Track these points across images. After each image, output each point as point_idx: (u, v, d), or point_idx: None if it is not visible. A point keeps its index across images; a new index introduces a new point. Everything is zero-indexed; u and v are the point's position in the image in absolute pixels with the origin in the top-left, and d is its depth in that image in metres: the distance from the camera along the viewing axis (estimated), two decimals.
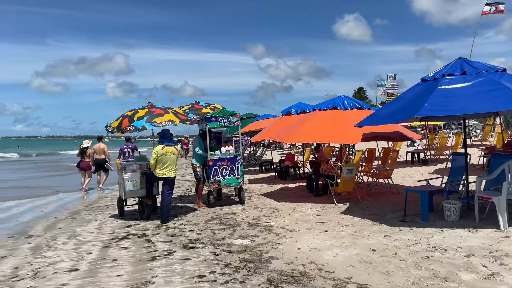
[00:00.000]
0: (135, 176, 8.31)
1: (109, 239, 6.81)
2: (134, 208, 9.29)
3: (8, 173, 24.39)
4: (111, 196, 12.68)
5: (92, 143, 14.65)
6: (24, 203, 11.81)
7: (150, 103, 8.60)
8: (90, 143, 14.46)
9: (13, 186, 17.07)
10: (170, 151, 8.01)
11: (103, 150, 14.21)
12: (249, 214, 8.30)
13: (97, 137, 14.09)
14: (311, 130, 9.12)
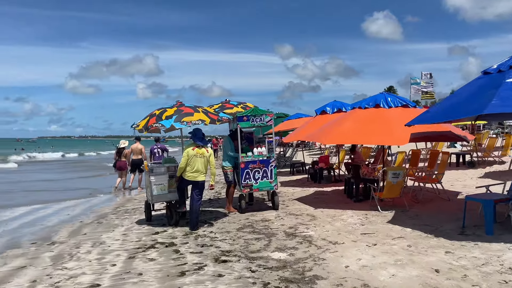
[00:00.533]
0: (162, 179, 7.79)
1: (135, 248, 6.30)
2: (162, 212, 8.79)
3: (47, 173, 24.66)
4: (138, 198, 12.30)
5: (129, 143, 14.71)
6: (52, 205, 11.57)
7: (179, 101, 8.08)
8: (127, 143, 14.38)
9: (45, 187, 17.08)
10: (201, 152, 7.46)
11: (140, 151, 14.08)
12: (284, 221, 7.62)
13: (135, 137, 13.77)
14: (352, 130, 8.34)
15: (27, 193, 14.69)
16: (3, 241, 7.30)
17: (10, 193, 14.74)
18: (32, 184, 17.73)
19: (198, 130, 7.65)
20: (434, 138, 8.43)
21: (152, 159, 13.60)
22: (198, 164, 7.42)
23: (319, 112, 12.82)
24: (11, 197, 13.64)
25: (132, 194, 13.40)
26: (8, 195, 14.20)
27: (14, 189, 15.96)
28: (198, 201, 7.54)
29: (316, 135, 9.41)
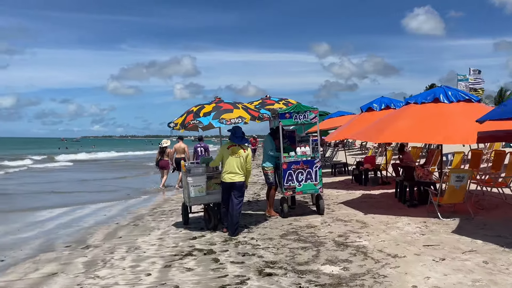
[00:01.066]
0: (200, 180, 7.30)
1: (172, 255, 5.83)
2: (200, 215, 8.32)
3: (88, 172, 25.12)
4: (176, 199, 11.96)
5: (171, 143, 14.69)
6: (89, 205, 11.44)
7: (218, 97, 7.56)
8: (169, 143, 14.41)
9: (85, 187, 17.20)
10: (237, 151, 6.94)
11: (183, 150, 14.10)
12: (332, 228, 6.92)
13: (178, 136, 14.06)
14: (409, 127, 7.51)
15: (66, 192, 14.78)
16: (37, 243, 7.07)
17: (51, 192, 14.88)
18: (73, 184, 17.94)
19: (238, 128, 7.13)
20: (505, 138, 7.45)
21: (195, 158, 13.42)
22: (234, 165, 6.92)
23: (365, 109, 11.98)
24: (52, 196, 13.73)
25: (169, 194, 13.11)
26: (48, 194, 14.33)
27: (56, 188, 16.15)
28: (238, 205, 7.00)
29: (365, 133, 8.64)
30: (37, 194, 14.16)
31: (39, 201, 12.54)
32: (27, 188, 15.96)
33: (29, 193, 14.55)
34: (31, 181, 18.64)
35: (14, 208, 11.21)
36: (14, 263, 5.85)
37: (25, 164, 29.60)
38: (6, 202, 12.44)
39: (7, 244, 7.07)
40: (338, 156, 20.79)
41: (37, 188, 16.03)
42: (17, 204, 11.93)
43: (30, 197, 13.56)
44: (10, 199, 13.07)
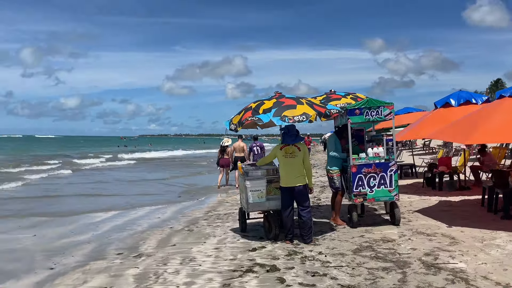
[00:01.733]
0: (259, 184, 6.57)
1: (230, 270, 5.14)
2: (258, 221, 7.61)
3: (146, 171, 25.51)
4: (230, 201, 11.38)
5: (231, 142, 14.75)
6: (144, 207, 11.17)
7: (278, 92, 6.79)
8: (230, 141, 14.50)
9: (141, 187, 17.21)
10: (291, 151, 6.18)
11: (242, 148, 14.06)
12: (414, 243, 5.90)
13: (237, 135, 13.94)
14: (506, 125, 6.28)
15: (123, 192, 14.76)
16: (90, 249, 6.70)
17: (112, 194, 14.94)
18: (132, 183, 18.04)
19: (291, 127, 6.36)
20: None
21: (250, 158, 13.56)
22: (290, 167, 6.18)
23: (440, 105, 10.66)
24: (111, 196, 13.72)
25: (223, 196, 12.57)
26: (109, 196, 14.36)
27: (113, 188, 16.26)
28: (304, 211, 6.25)
29: (449, 132, 7.46)
30: (93, 196, 14.25)
31: (98, 201, 12.53)
32: (87, 188, 16.21)
33: (86, 194, 14.69)
34: (93, 181, 19.02)
35: (74, 208, 11.20)
36: (63, 272, 5.45)
37: (93, 163, 30.29)
38: (65, 203, 12.54)
39: (59, 248, 6.79)
40: (402, 156, 19.28)
41: (98, 188, 16.24)
42: (77, 204, 11.96)
43: (89, 198, 13.63)
44: (68, 200, 13.20)
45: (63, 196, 13.35)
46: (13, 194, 13.80)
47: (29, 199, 12.79)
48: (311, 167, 6.50)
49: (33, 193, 14.09)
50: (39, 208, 11.07)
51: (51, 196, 13.32)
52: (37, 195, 13.49)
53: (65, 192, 14.50)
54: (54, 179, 19.10)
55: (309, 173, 6.40)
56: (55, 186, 16.05)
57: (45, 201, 12.43)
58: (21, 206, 11.46)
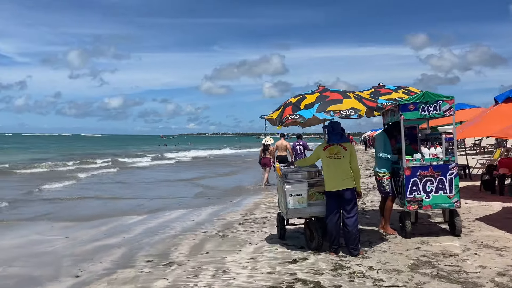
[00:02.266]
0: (300, 188, 5.92)
1: (268, 287, 4.54)
2: (298, 227, 6.96)
3: (186, 171, 25.49)
4: (267, 203, 10.79)
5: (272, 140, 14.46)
6: (180, 208, 10.82)
7: (321, 86, 6.11)
8: (272, 141, 14.22)
9: (178, 187, 16.97)
10: (336, 151, 5.50)
11: (285, 147, 13.74)
12: (482, 259, 5.06)
13: (279, 134, 13.85)
14: None
15: (161, 192, 14.54)
16: (119, 254, 6.32)
17: (149, 192, 14.78)
18: (171, 183, 17.89)
19: (336, 124, 5.69)
20: None
21: (293, 157, 13.30)
22: (335, 168, 5.52)
23: (502, 100, 9.51)
24: (149, 196, 13.53)
25: (259, 197, 12.00)
26: (141, 199, 14.18)
27: (152, 188, 16.14)
28: (351, 219, 5.56)
29: None
30: (131, 199, 14.12)
31: (134, 202, 12.34)
32: (126, 188, 16.17)
33: (123, 197, 14.60)
34: (136, 181, 19.05)
35: (110, 209, 11.04)
36: (88, 281, 5.07)
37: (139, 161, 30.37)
38: (103, 204, 12.44)
39: (89, 253, 6.46)
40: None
41: (138, 187, 16.17)
42: (114, 205, 11.81)
43: (126, 200, 13.50)
44: (107, 201, 13.10)
45: (102, 198, 13.22)
46: (55, 195, 13.90)
47: (68, 200, 12.78)
48: (359, 169, 5.79)
49: (76, 192, 14.10)
50: (76, 209, 10.97)
51: (89, 197, 13.24)
52: (80, 195, 13.47)
53: (107, 192, 14.43)
54: (101, 177, 19.27)
55: (357, 175, 5.69)
56: (99, 186, 16.09)
57: (84, 201, 12.34)
58: (60, 206, 11.43)
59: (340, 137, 5.67)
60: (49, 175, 19.12)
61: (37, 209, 10.67)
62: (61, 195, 13.37)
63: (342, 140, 5.66)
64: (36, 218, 9.55)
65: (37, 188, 14.40)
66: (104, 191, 14.46)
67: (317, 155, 5.84)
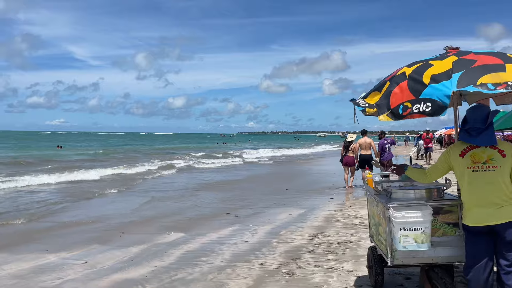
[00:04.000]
0: (419, 218, 3.54)
1: None
2: (407, 270, 4.61)
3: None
4: (341, 219, 8.45)
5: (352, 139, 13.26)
6: (234, 224, 8.85)
7: (453, 48, 3.68)
8: (355, 137, 13.18)
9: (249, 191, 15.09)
10: (485, 158, 3.12)
11: (369, 145, 12.77)
12: None
13: (361, 131, 13.14)
14: None
15: (216, 199, 12.70)
16: None
17: (203, 199, 13.03)
18: (228, 186, 16.11)
19: (480, 110, 3.27)
20: None
21: (379, 157, 12.46)
22: (487, 187, 3.16)
23: None
24: (199, 206, 11.74)
25: (331, 208, 9.66)
26: (195, 206, 12.42)
27: (206, 195, 14.42)
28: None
29: None
30: (186, 208, 12.43)
31: (184, 212, 10.58)
32: (181, 193, 14.59)
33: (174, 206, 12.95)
34: (195, 184, 17.57)
35: (152, 221, 9.35)
36: None
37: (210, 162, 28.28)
38: (146, 214, 10.82)
39: None
40: None
41: (192, 194, 14.56)
42: (158, 216, 10.13)
43: (177, 211, 11.81)
44: (152, 209, 11.48)
45: (162, 200, 11.68)
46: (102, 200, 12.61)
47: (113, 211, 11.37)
48: None
49: (134, 200, 12.78)
50: (114, 220, 9.38)
51: (135, 210, 11.76)
52: (130, 200, 12.07)
53: (170, 194, 12.93)
54: (161, 178, 18.06)
55: None
56: (151, 192, 14.73)
57: (129, 210, 10.84)
58: (105, 212, 9.97)
59: (492, 135, 3.26)
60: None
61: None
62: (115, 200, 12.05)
63: (494, 140, 3.24)
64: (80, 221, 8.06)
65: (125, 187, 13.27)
66: (169, 191, 12.96)
67: (447, 164, 3.46)
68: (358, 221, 8.14)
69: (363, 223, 7.83)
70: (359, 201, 10.46)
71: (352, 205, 10.10)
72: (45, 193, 12.90)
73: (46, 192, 13.03)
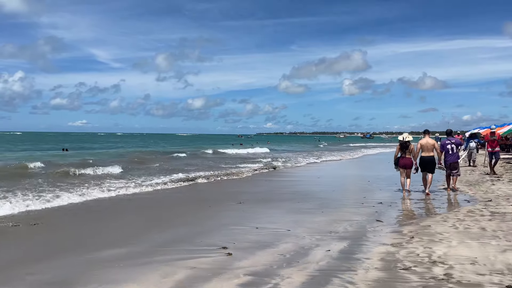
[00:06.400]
0: None
1: None
2: None
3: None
4: (408, 261, 5.43)
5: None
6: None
7: None
8: (411, 138, 11.86)
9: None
10: None
11: (432, 146, 11.51)
12: None
13: (423, 130, 11.96)
14: None
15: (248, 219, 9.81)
16: None
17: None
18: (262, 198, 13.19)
19: None
20: None
21: (442, 159, 11.81)
22: None
23: None
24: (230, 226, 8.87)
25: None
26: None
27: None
28: None
29: None
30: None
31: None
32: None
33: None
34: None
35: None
36: None
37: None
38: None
39: None
40: None
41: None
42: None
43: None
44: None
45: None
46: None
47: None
48: None
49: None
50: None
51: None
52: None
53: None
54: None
55: None
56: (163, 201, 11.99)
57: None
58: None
59: None
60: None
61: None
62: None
63: None
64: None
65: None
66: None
67: None
68: (441, 270, 5.10)
69: (453, 276, 4.82)
70: (422, 229, 7.41)
71: (414, 234, 7.04)
72: None
73: None
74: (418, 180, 12.60)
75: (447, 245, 6.21)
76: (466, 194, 11.63)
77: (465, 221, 7.85)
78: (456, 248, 6.03)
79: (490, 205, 9.59)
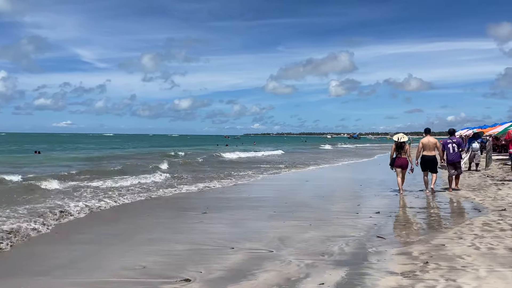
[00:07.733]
0: None
1: None
2: None
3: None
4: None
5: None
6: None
7: None
8: (407, 138, 11.61)
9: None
10: None
11: (434, 145, 11.32)
12: None
13: (424, 129, 11.87)
14: None
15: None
16: None
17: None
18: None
19: None
20: None
21: (443, 158, 11.60)
22: None
23: None
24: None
25: (398, 273, 5.25)
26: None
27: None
28: None
29: None
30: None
31: None
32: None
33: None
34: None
35: None
36: None
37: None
38: None
39: None
40: None
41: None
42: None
43: None
44: None
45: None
46: None
47: None
48: None
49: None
50: None
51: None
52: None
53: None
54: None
55: None
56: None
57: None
58: None
59: None
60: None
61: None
62: None
63: None
64: None
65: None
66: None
67: None
68: None
69: None
70: (436, 249, 6.01)
71: (428, 257, 5.61)
72: None
73: None
74: (419, 181, 11.75)
75: (474, 275, 4.81)
76: (473, 201, 10.33)
77: (485, 238, 6.49)
78: (487, 281, 4.63)
79: (506, 215, 8.27)
